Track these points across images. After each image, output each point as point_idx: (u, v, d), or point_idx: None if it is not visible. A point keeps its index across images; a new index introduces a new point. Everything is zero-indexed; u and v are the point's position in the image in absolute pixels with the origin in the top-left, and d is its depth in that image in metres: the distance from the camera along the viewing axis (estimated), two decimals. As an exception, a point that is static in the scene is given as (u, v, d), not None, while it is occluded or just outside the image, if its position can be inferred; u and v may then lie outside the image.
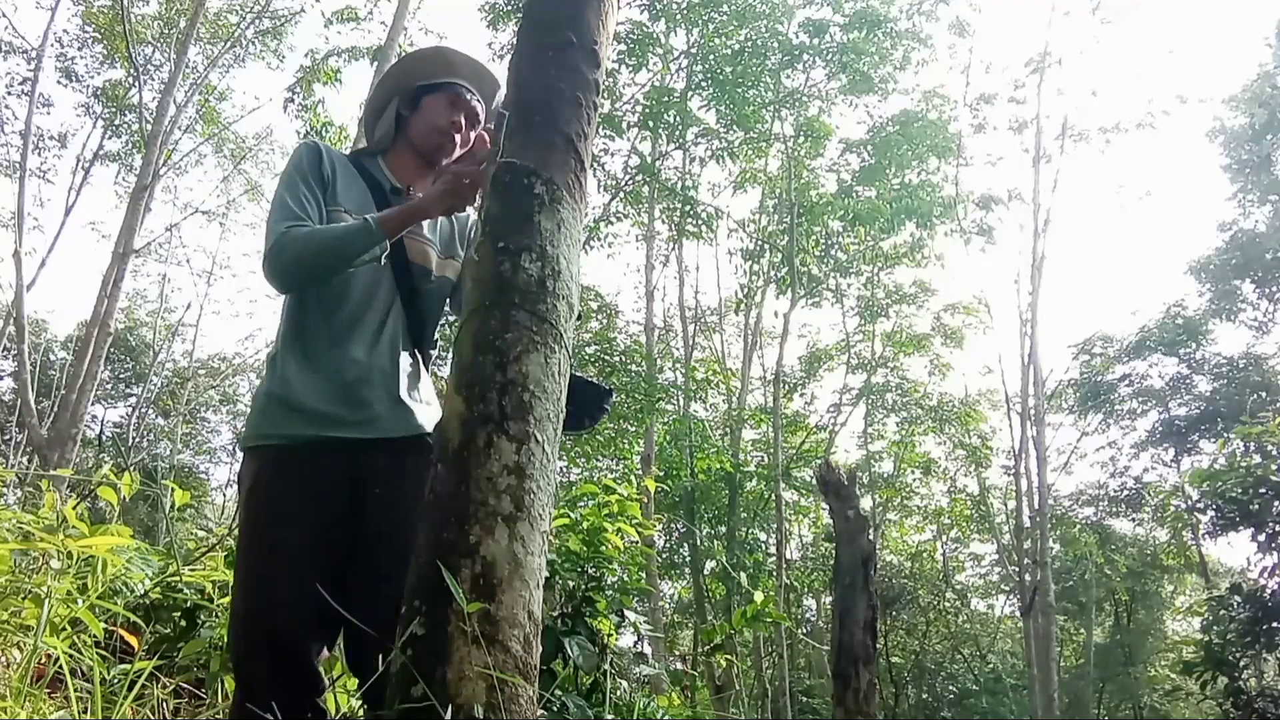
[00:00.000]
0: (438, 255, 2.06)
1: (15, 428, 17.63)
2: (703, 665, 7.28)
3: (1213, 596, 9.20)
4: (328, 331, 1.91)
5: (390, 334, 1.95)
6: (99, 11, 15.90)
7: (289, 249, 1.84)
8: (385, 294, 1.96)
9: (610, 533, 3.46)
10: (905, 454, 19.77)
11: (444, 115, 2.07)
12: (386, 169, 2.08)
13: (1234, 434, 8.85)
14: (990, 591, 24.10)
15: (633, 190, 15.21)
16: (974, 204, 16.39)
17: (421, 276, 2.02)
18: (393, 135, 2.12)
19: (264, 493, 1.83)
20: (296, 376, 1.89)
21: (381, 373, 1.92)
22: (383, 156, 2.11)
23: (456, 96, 2.09)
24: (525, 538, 1.51)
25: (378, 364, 1.92)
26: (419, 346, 2.04)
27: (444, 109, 2.08)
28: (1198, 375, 18.80)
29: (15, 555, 2.86)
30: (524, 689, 1.43)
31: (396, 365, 1.95)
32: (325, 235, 1.86)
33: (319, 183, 1.96)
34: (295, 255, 1.84)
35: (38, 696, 2.45)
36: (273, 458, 1.86)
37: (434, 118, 2.07)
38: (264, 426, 1.88)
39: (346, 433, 1.87)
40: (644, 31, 13.46)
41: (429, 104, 2.09)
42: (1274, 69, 18.99)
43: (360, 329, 1.92)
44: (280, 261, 1.85)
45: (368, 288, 1.94)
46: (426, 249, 2.05)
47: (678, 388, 15.82)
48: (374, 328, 1.94)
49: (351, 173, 2.02)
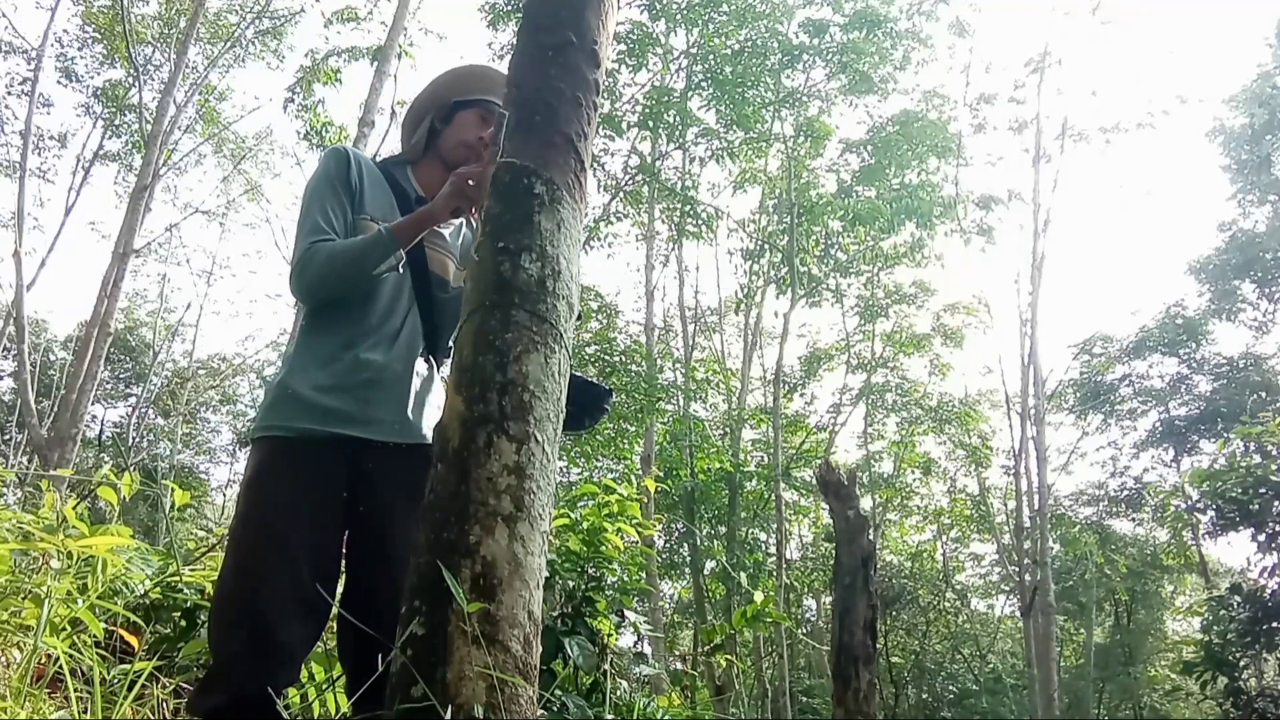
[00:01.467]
0: (455, 266, 2.10)
1: (15, 428, 17.63)
2: (703, 665, 7.28)
3: (1213, 596, 9.21)
4: (345, 333, 1.93)
5: (407, 340, 1.99)
6: (99, 11, 15.90)
7: (312, 266, 1.89)
8: (404, 302, 2.00)
9: (610, 533, 3.46)
10: (905, 454, 19.77)
11: (474, 130, 2.10)
12: (414, 179, 2.12)
13: (1234, 434, 8.86)
14: (990, 591, 24.10)
15: (633, 190, 15.21)
16: (974, 204, 16.39)
17: (439, 286, 2.06)
18: (424, 146, 2.16)
19: (263, 480, 1.83)
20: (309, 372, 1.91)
21: (395, 376, 1.94)
22: (412, 167, 2.15)
23: (489, 113, 2.12)
24: (525, 538, 1.51)
25: (392, 368, 1.94)
26: (433, 354, 2.07)
27: (475, 125, 2.11)
28: (1198, 375, 18.80)
29: (15, 555, 2.86)
30: (524, 689, 1.43)
31: (410, 371, 1.98)
32: (345, 251, 1.90)
33: (346, 191, 1.99)
34: (318, 273, 1.89)
35: (38, 696, 2.45)
36: (276, 448, 1.86)
37: (464, 132, 2.11)
38: (270, 418, 1.89)
39: (352, 430, 1.87)
40: (644, 31, 13.46)
41: (462, 119, 2.13)
42: (1274, 69, 18.99)
43: (377, 333, 1.95)
44: (305, 279, 1.90)
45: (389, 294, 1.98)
46: (445, 260, 2.09)
47: (678, 388, 15.82)
48: (391, 333, 1.97)
49: (379, 181, 2.06)
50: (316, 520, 1.81)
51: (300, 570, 1.73)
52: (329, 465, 1.85)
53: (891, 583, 20.42)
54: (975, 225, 16.54)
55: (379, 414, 1.90)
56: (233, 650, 1.72)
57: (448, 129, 2.14)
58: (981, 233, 16.61)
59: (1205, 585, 18.11)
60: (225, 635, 1.74)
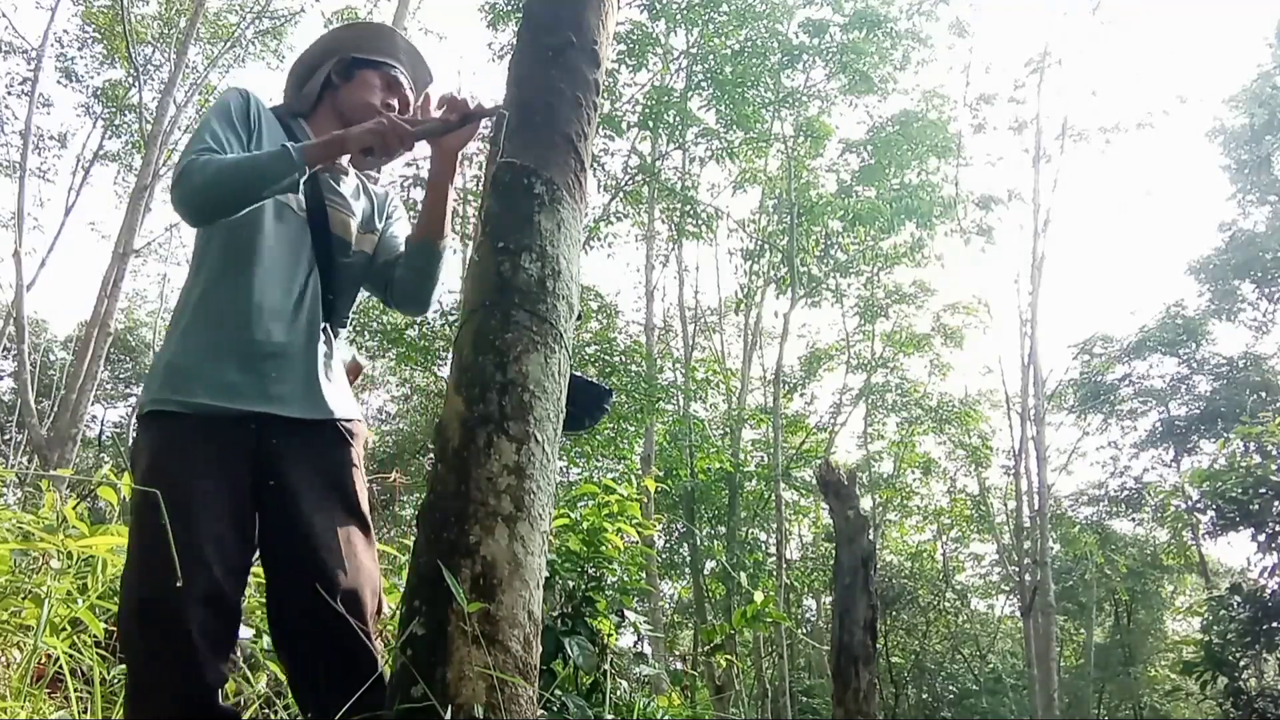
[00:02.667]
0: (357, 228, 1.97)
1: (15, 428, 17.63)
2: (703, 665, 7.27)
3: (1213, 596, 9.20)
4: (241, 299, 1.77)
5: (309, 308, 1.84)
6: (99, 11, 15.89)
7: (201, 172, 1.70)
8: (305, 265, 1.85)
9: (610, 533, 3.46)
10: (905, 454, 19.78)
11: (378, 94, 2.00)
12: (311, 132, 1.97)
13: (1234, 434, 8.85)
14: (990, 591, 24.10)
15: (633, 190, 15.21)
16: (974, 204, 16.40)
17: (341, 250, 1.93)
18: (316, 99, 2.03)
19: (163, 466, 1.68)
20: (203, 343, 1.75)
21: (297, 348, 1.81)
22: (306, 120, 2.02)
23: (394, 81, 2.03)
24: (525, 538, 1.51)
25: (294, 339, 1.80)
26: (331, 322, 1.92)
27: (379, 88, 2.01)
28: (1198, 375, 18.80)
29: (15, 555, 2.86)
30: (524, 689, 1.43)
31: (315, 342, 1.84)
32: (241, 159, 1.75)
33: (244, 127, 1.84)
34: (208, 179, 1.70)
35: (38, 696, 2.45)
36: (174, 427, 1.71)
37: (368, 95, 1.99)
38: (165, 391, 1.73)
39: (256, 406, 1.73)
40: (644, 31, 13.45)
41: (364, 78, 2.01)
42: (1274, 69, 18.98)
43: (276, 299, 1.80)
44: (190, 184, 1.71)
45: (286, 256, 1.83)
46: (348, 220, 1.95)
47: (678, 388, 15.82)
48: (292, 300, 1.82)
49: (276, 128, 1.92)
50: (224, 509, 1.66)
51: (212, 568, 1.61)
52: (233, 446, 1.71)
53: (891, 583, 20.42)
54: (975, 225, 16.57)
55: (282, 388, 1.76)
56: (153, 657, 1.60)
57: (348, 85, 2.00)
58: (981, 233, 16.63)
59: (1205, 585, 18.11)
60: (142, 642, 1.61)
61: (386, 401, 22.07)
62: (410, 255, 1.99)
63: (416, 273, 1.99)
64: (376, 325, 13.33)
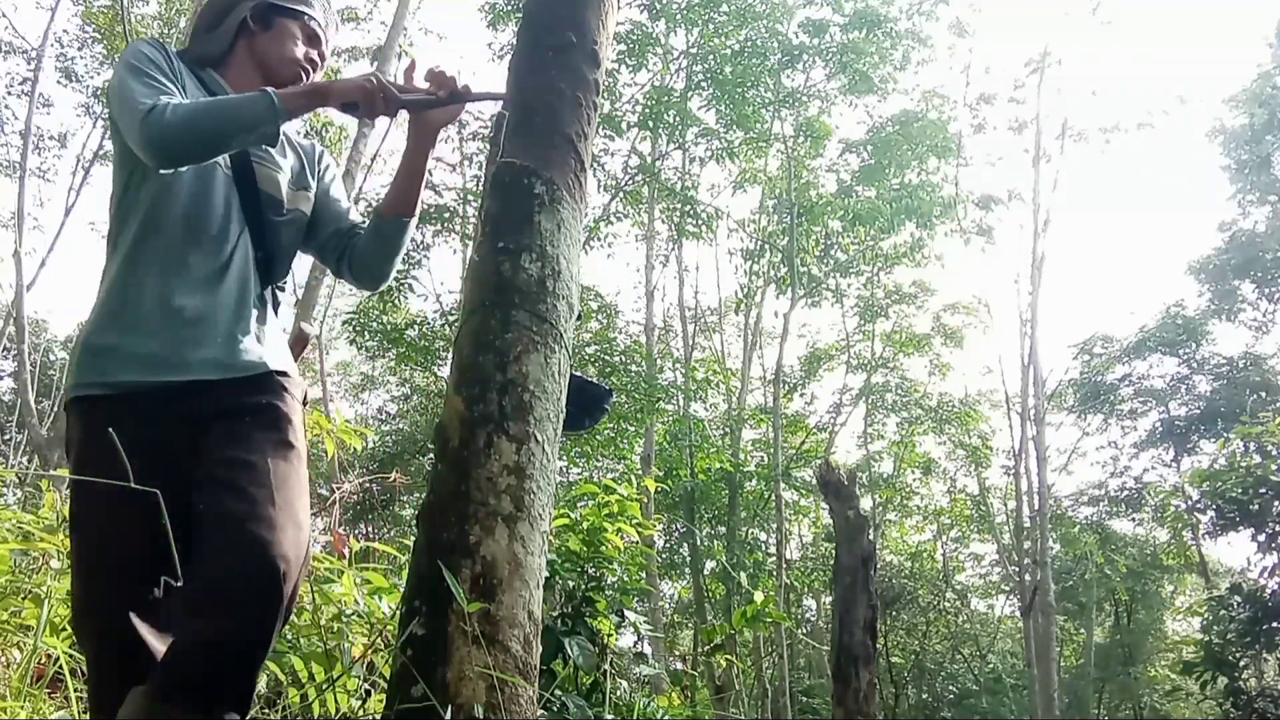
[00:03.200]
0: (288, 185, 1.86)
1: (15, 428, 17.63)
2: (703, 665, 7.27)
3: (1213, 596, 9.21)
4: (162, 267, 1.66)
5: (238, 272, 1.73)
6: (99, 12, 15.89)
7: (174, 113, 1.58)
8: (234, 227, 1.74)
9: (610, 533, 3.46)
10: (905, 454, 19.78)
11: (300, 48, 1.89)
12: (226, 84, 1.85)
13: (1234, 434, 8.86)
14: (990, 591, 24.09)
15: (633, 190, 15.21)
16: (974, 204, 16.41)
17: (272, 208, 1.81)
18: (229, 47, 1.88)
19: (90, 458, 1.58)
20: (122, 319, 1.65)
21: (226, 311, 1.69)
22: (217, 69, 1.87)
23: (314, 34, 1.92)
24: (525, 538, 1.51)
25: (223, 304, 1.69)
26: (268, 285, 1.81)
27: (300, 40, 1.90)
28: (1198, 375, 18.79)
29: (15, 555, 2.86)
30: (524, 689, 1.43)
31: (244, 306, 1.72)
32: (214, 102, 1.65)
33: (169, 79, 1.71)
34: (182, 118, 1.58)
35: (38, 696, 2.45)
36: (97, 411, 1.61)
37: (290, 45, 1.88)
38: (85, 374, 1.63)
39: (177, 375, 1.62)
40: (644, 31, 13.46)
41: (284, 27, 1.88)
42: (1274, 69, 18.97)
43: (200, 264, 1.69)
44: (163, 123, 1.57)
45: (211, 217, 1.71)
46: (276, 176, 1.83)
47: (678, 388, 15.82)
48: (219, 267, 1.70)
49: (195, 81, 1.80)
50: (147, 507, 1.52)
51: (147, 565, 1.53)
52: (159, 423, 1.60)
53: (891, 583, 20.41)
54: (975, 225, 16.58)
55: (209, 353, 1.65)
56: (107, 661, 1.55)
57: (267, 33, 1.87)
58: (981, 233, 16.64)
59: (1205, 585, 18.10)
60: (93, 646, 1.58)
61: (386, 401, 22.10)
62: (376, 229, 1.90)
63: (380, 247, 1.90)
64: (376, 325, 13.34)
